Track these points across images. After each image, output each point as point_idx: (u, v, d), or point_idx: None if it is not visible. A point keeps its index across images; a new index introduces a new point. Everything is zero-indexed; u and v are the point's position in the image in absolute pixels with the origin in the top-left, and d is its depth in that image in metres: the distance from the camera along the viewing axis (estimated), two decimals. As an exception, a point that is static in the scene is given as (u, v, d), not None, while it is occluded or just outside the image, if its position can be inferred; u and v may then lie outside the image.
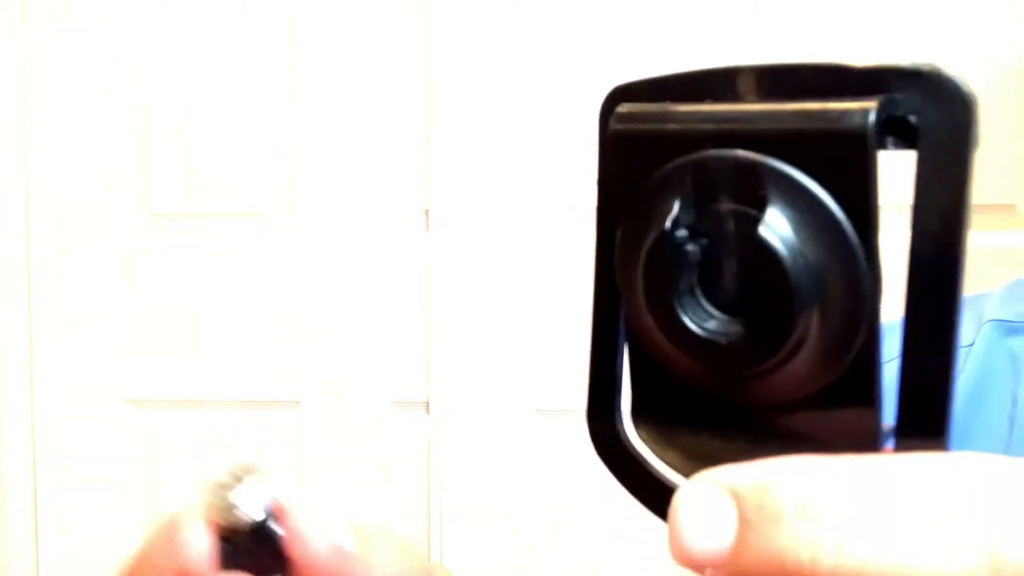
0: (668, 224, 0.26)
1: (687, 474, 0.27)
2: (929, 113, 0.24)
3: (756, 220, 0.25)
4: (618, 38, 1.36)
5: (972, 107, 0.23)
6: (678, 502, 0.23)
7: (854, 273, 0.24)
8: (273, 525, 0.36)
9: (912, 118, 0.24)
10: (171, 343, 1.46)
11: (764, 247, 0.25)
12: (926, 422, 0.24)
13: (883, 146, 0.24)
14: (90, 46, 1.45)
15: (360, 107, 1.41)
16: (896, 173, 0.27)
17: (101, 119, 1.45)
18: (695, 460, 0.27)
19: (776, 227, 0.25)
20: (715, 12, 1.35)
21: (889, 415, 0.25)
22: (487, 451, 1.42)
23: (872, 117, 0.24)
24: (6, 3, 1.45)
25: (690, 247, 0.26)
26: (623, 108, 0.28)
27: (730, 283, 0.26)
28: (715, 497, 0.23)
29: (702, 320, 0.26)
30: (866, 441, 0.25)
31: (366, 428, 1.44)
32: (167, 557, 0.36)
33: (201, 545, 0.36)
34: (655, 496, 0.29)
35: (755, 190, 0.25)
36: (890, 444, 0.25)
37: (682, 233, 0.26)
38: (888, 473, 0.22)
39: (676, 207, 0.26)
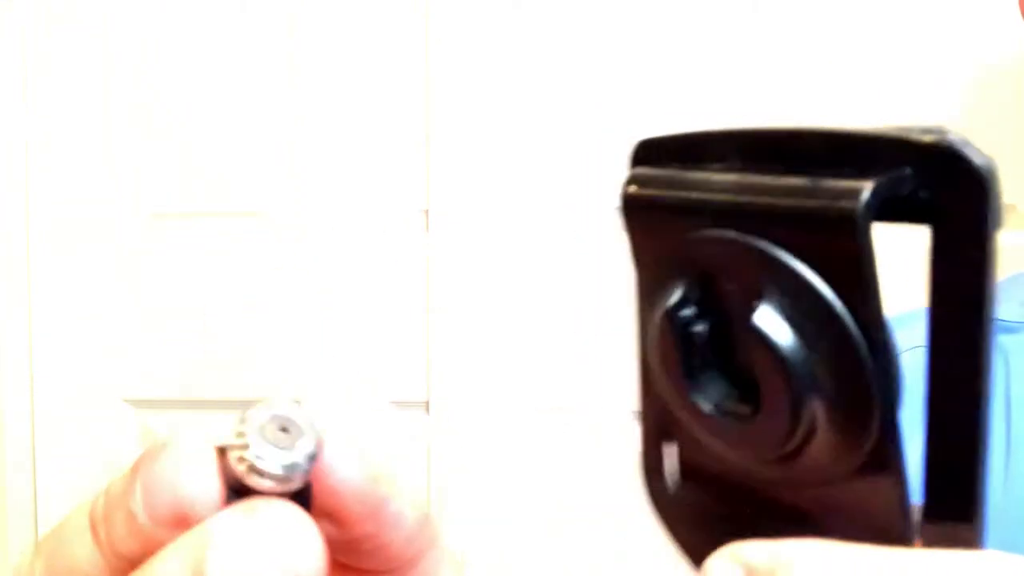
0: (672, 303, 0.25)
1: (714, 544, 0.26)
2: (943, 189, 0.21)
3: (753, 306, 0.24)
4: (619, 38, 1.36)
5: (991, 182, 0.21)
6: (705, 573, 0.25)
7: (856, 362, 0.23)
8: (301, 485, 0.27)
9: (923, 194, 0.22)
10: (171, 343, 1.46)
11: (760, 336, 0.23)
12: (955, 507, 0.23)
13: (891, 220, 0.22)
14: (90, 46, 1.45)
15: (360, 107, 1.41)
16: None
17: (101, 119, 1.45)
18: (726, 532, 0.26)
19: (771, 315, 0.23)
20: (715, 12, 1.34)
21: (916, 491, 0.24)
22: (487, 451, 1.42)
23: (864, 199, 0.22)
24: (6, 3, 1.45)
25: (697, 327, 0.25)
26: (637, 171, 0.26)
27: (742, 361, 0.25)
28: (731, 572, 0.24)
29: (713, 399, 0.25)
30: (892, 522, 0.24)
31: (366, 428, 1.44)
32: (161, 494, 0.27)
33: (209, 489, 0.26)
34: (701, 556, 0.28)
35: (750, 274, 0.24)
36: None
37: (687, 312, 0.25)
38: (907, 573, 0.22)
39: (681, 285, 0.25)
